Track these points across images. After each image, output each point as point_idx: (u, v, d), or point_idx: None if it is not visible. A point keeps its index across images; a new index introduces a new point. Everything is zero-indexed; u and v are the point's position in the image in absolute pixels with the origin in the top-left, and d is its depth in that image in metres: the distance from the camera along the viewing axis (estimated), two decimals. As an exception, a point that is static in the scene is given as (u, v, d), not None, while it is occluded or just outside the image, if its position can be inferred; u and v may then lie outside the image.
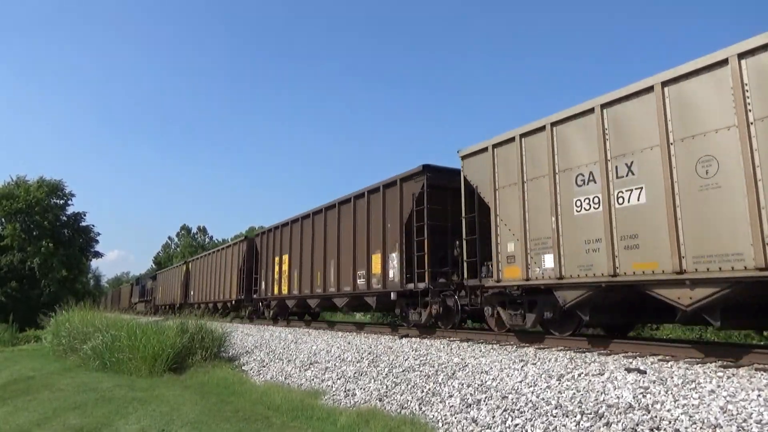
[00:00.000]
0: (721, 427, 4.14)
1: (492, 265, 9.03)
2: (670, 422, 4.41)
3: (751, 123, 5.80)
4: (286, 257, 17.07)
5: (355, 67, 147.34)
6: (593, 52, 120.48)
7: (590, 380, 5.69)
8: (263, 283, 18.79)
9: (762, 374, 5.24)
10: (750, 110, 5.83)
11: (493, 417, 5.58)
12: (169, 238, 77.36)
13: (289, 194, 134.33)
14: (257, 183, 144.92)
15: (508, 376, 6.46)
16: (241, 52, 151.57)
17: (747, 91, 5.88)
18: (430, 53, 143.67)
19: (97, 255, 51.40)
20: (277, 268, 17.69)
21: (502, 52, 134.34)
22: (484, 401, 5.96)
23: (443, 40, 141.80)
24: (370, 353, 9.20)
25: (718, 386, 4.89)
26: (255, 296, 19.55)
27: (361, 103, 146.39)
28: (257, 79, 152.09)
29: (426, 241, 10.60)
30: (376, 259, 12.08)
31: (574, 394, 5.43)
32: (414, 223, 10.89)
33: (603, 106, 7.39)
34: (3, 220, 43.83)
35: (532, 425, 5.18)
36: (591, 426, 4.77)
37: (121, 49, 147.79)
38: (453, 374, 7.03)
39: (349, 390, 7.80)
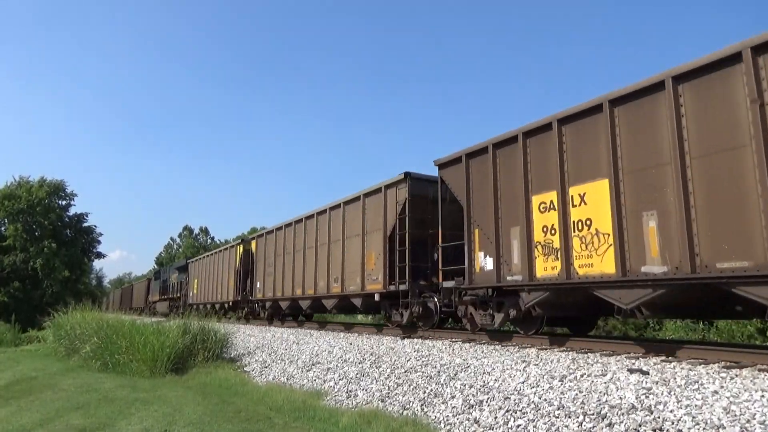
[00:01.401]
0: (724, 428, 4.13)
1: None
2: (672, 423, 4.40)
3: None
4: (598, 187, 7.28)
5: (358, 65, 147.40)
6: (591, 46, 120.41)
7: (593, 381, 5.69)
8: (484, 255, 9.10)
9: (765, 375, 5.23)
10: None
11: (496, 418, 5.58)
12: (171, 238, 77.42)
13: (290, 195, 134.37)
14: (259, 184, 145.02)
15: (510, 377, 6.45)
16: (242, 53, 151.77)
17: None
18: (436, 48, 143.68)
19: (100, 255, 51.50)
20: (540, 218, 8.12)
21: (512, 46, 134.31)
22: (487, 402, 5.95)
23: (452, 34, 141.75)
24: (372, 354, 9.20)
25: (721, 387, 4.88)
26: (461, 282, 9.57)
27: (365, 102, 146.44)
28: (259, 79, 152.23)
29: None
30: None
31: (577, 394, 5.43)
32: None
33: None
34: (6, 220, 43.88)
35: (535, 426, 5.17)
36: (593, 427, 4.77)
37: (124, 49, 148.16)
38: (455, 375, 7.03)
39: (351, 391, 7.80)
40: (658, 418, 4.54)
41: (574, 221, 7.68)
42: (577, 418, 4.99)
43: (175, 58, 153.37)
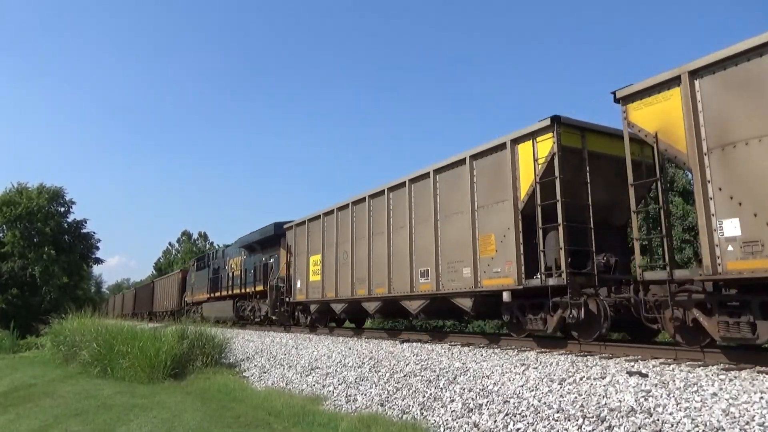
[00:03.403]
0: (724, 430, 4.13)
1: None
2: (672, 425, 4.40)
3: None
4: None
5: (354, 72, 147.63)
6: (589, 48, 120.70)
7: (592, 384, 5.68)
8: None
9: (764, 377, 5.23)
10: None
11: (495, 422, 5.57)
12: (170, 243, 77.16)
13: (288, 199, 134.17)
14: (257, 188, 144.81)
15: (509, 380, 6.45)
16: (242, 58, 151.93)
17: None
18: (429, 57, 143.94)
19: (98, 261, 51.23)
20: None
21: (508, 51, 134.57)
22: (486, 406, 5.94)
23: (444, 44, 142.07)
24: (371, 358, 9.19)
25: (720, 389, 4.88)
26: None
27: (360, 108, 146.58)
28: (258, 83, 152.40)
29: None
30: None
31: (576, 397, 5.42)
32: None
33: None
34: (4, 227, 43.78)
35: (534, 430, 5.16)
36: (593, 430, 4.76)
37: (122, 54, 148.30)
38: (454, 379, 7.02)
39: (350, 395, 7.79)
40: (658, 420, 4.54)
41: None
42: (577, 421, 4.98)
43: (173, 62, 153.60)
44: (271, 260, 18.42)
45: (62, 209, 45.98)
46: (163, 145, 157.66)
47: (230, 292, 21.66)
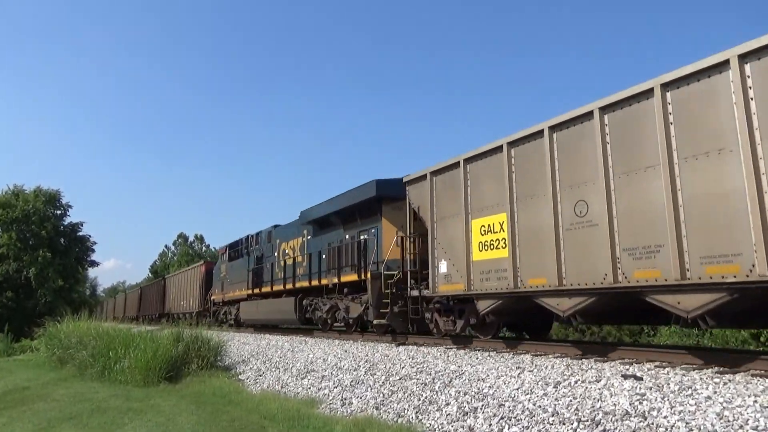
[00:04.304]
0: (718, 434, 4.13)
1: None
2: (666, 429, 4.41)
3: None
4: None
5: (350, 70, 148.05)
6: (594, 51, 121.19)
7: (587, 387, 5.69)
8: None
9: (758, 380, 5.25)
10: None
11: (490, 425, 5.57)
12: (166, 246, 76.96)
13: (285, 202, 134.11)
14: (254, 191, 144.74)
15: (504, 383, 6.45)
16: (237, 58, 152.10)
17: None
18: (427, 54, 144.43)
19: (93, 264, 51.09)
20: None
21: (501, 52, 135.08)
22: (481, 409, 5.94)
23: (441, 40, 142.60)
24: (366, 361, 9.18)
25: (715, 392, 4.89)
26: None
27: (357, 107, 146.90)
28: (254, 87, 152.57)
29: None
30: None
31: (571, 401, 5.43)
32: None
33: None
34: (0, 229, 43.65)
35: (529, 433, 5.16)
36: (588, 433, 4.76)
37: (118, 55, 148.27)
38: (450, 382, 7.02)
39: (345, 398, 7.77)
40: (652, 424, 4.55)
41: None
42: (572, 424, 4.98)
43: (168, 65, 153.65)
44: (363, 237, 12.99)
45: (58, 212, 45.89)
46: (159, 148, 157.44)
47: (290, 286, 15.82)
